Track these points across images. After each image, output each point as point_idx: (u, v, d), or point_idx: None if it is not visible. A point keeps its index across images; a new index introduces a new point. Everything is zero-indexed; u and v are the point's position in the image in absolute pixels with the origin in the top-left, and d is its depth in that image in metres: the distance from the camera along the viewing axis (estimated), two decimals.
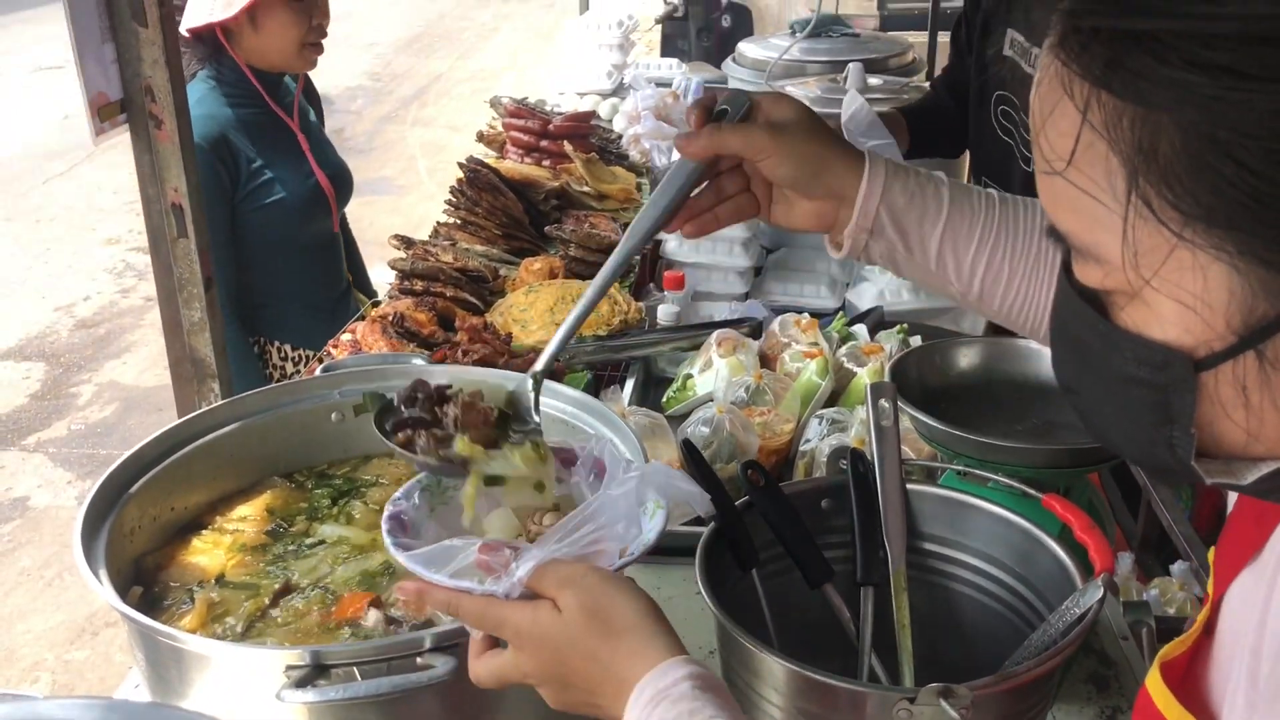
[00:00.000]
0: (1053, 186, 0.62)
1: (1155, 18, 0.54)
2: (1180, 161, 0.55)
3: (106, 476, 1.34)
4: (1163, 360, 0.61)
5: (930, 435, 1.48)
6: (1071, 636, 1.01)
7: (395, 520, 1.04)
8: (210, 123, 2.55)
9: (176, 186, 1.60)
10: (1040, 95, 0.62)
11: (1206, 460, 0.63)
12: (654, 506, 0.98)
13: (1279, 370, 0.58)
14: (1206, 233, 0.56)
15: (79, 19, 1.50)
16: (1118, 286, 0.62)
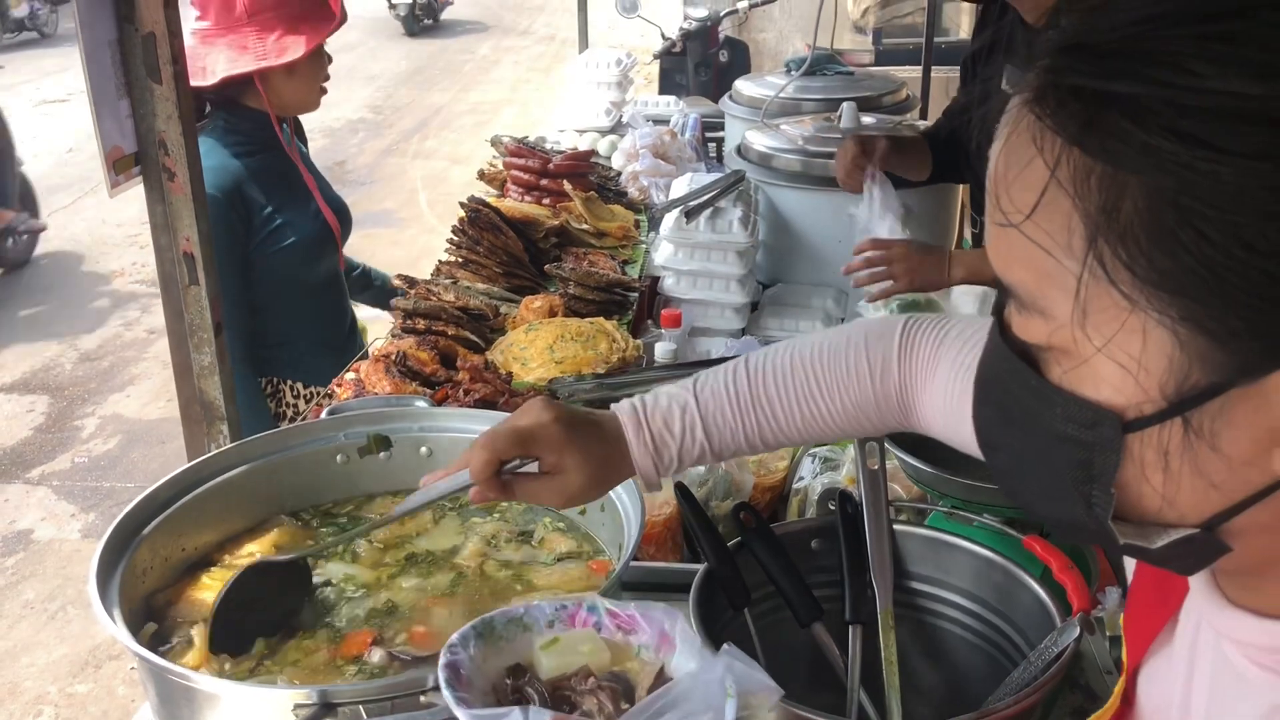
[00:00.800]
0: (1008, 239, 0.63)
1: (1136, 83, 0.55)
2: (1141, 224, 0.56)
3: (121, 519, 1.38)
4: (1093, 419, 0.62)
5: (917, 477, 1.53)
6: (1049, 674, 1.06)
7: (452, 669, 1.02)
8: (224, 174, 2.57)
9: (188, 236, 1.66)
10: (1008, 148, 0.63)
11: (1121, 522, 0.64)
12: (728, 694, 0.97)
13: (1202, 439, 0.59)
14: (1155, 296, 0.57)
15: (96, 76, 1.56)
16: (1060, 343, 0.63)
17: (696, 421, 1.18)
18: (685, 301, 2.79)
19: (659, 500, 1.76)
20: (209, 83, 2.57)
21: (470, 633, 1.07)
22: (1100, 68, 0.57)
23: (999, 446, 0.72)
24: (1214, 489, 0.61)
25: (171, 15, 1.59)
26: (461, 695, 0.99)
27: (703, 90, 6.26)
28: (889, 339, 1.16)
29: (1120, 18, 0.58)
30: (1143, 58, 0.56)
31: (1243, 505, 0.61)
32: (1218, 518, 0.62)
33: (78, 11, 1.55)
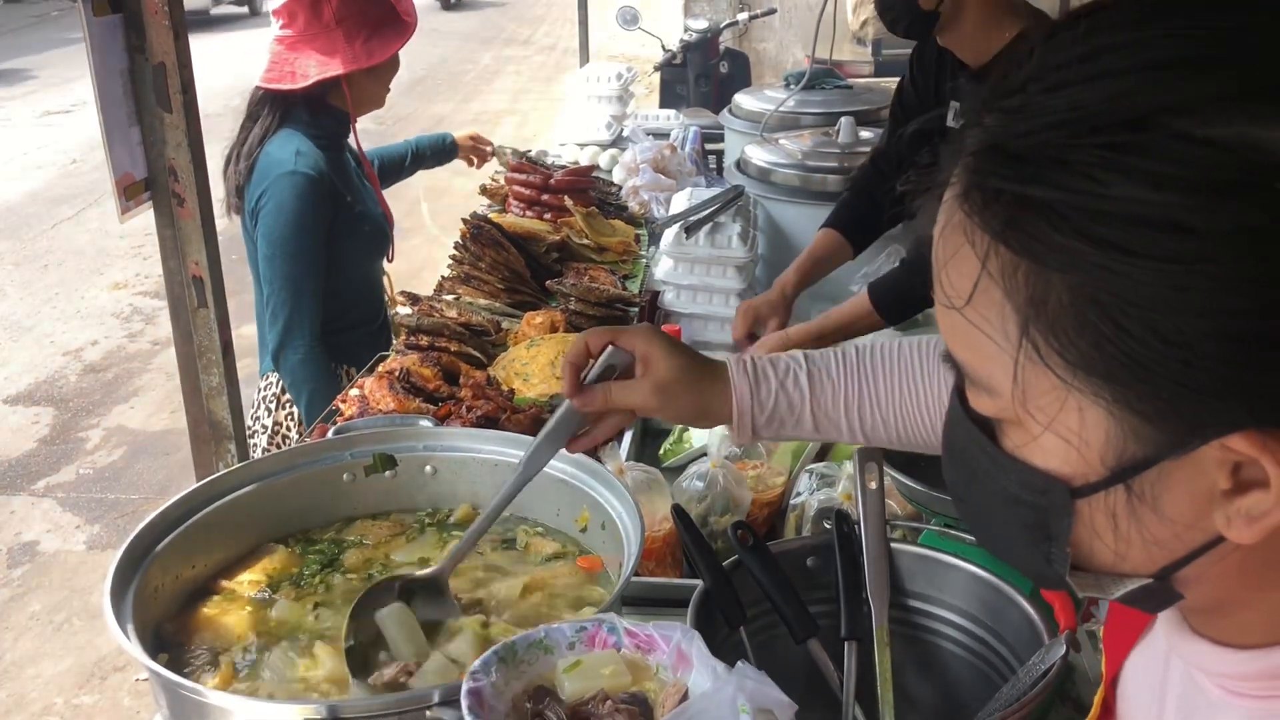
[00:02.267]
0: (951, 320, 0.66)
1: (1050, 189, 0.58)
2: (1067, 316, 0.59)
3: (132, 538, 1.41)
4: (1043, 486, 0.66)
5: (911, 496, 1.56)
6: (1035, 691, 1.09)
7: (475, 696, 1.03)
8: (318, 159, 2.75)
9: (197, 260, 1.69)
10: (944, 238, 0.66)
11: (1080, 574, 0.69)
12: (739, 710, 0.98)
13: (1144, 503, 0.63)
14: (1086, 380, 0.60)
15: (108, 105, 1.59)
16: (1006, 417, 0.66)
17: (802, 370, 1.22)
18: (685, 316, 2.83)
19: (658, 516, 1.79)
20: (299, 86, 2.76)
21: (492, 657, 1.08)
22: (1016, 172, 0.60)
23: (966, 501, 0.76)
24: (1160, 546, 0.65)
25: (181, 46, 1.63)
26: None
27: (703, 101, 6.29)
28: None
29: (1033, 123, 0.60)
30: (1054, 165, 0.58)
31: (1189, 558, 0.64)
32: (1167, 569, 0.66)
33: (89, 41, 1.58)
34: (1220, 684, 0.71)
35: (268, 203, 2.69)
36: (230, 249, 2.86)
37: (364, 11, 2.81)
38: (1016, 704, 1.08)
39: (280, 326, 2.72)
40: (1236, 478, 0.60)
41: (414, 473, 1.71)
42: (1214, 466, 0.60)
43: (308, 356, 2.73)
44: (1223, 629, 0.70)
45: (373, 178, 3.08)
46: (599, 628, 1.12)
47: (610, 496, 1.54)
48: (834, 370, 1.22)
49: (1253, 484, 0.60)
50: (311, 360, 2.74)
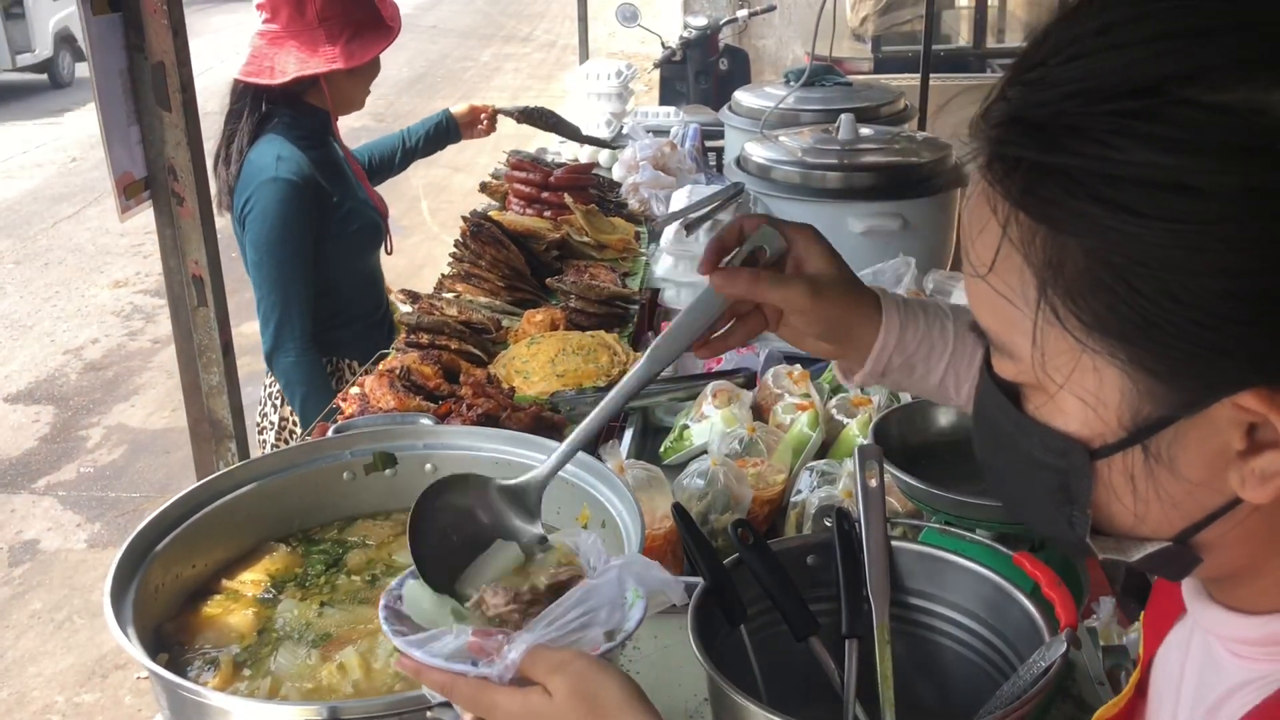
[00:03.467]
0: (977, 288, 0.69)
1: (1065, 155, 0.61)
2: (1083, 279, 0.62)
3: (133, 537, 1.41)
4: (1063, 449, 0.68)
5: (911, 493, 1.56)
6: (1036, 689, 1.09)
7: (390, 610, 1.08)
8: (298, 163, 2.76)
9: (197, 259, 1.69)
10: (971, 208, 0.70)
11: (1100, 537, 0.71)
12: (633, 596, 1.02)
13: (1161, 464, 0.65)
14: (1102, 341, 0.63)
15: (107, 104, 1.59)
16: (1027, 381, 0.69)
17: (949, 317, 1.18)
18: None
19: (659, 514, 1.79)
20: (278, 82, 2.76)
21: (406, 577, 1.12)
22: (1035, 140, 0.63)
23: (994, 468, 0.78)
24: (1179, 507, 0.67)
25: (180, 45, 1.63)
26: (399, 629, 1.04)
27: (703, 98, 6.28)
28: None
29: (1050, 94, 0.63)
30: (1069, 132, 0.61)
31: (1206, 521, 0.67)
32: (1186, 532, 0.68)
33: (88, 41, 1.58)
34: (1231, 649, 0.73)
35: (252, 209, 2.72)
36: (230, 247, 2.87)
37: (347, 13, 2.81)
38: (1017, 702, 1.08)
39: (271, 330, 2.75)
40: (1251, 439, 0.62)
41: (414, 471, 1.71)
42: (1228, 426, 0.62)
43: (300, 359, 2.75)
44: (1239, 596, 0.73)
45: (359, 173, 3.09)
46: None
47: (610, 495, 1.54)
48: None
49: (1266, 444, 0.62)
50: (304, 363, 2.75)
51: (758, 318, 1.19)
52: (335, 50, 2.79)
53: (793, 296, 1.13)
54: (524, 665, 0.94)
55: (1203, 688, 0.77)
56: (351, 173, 3.03)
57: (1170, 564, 0.70)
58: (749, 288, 1.12)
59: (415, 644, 1.00)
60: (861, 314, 1.16)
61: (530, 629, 0.98)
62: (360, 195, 3.02)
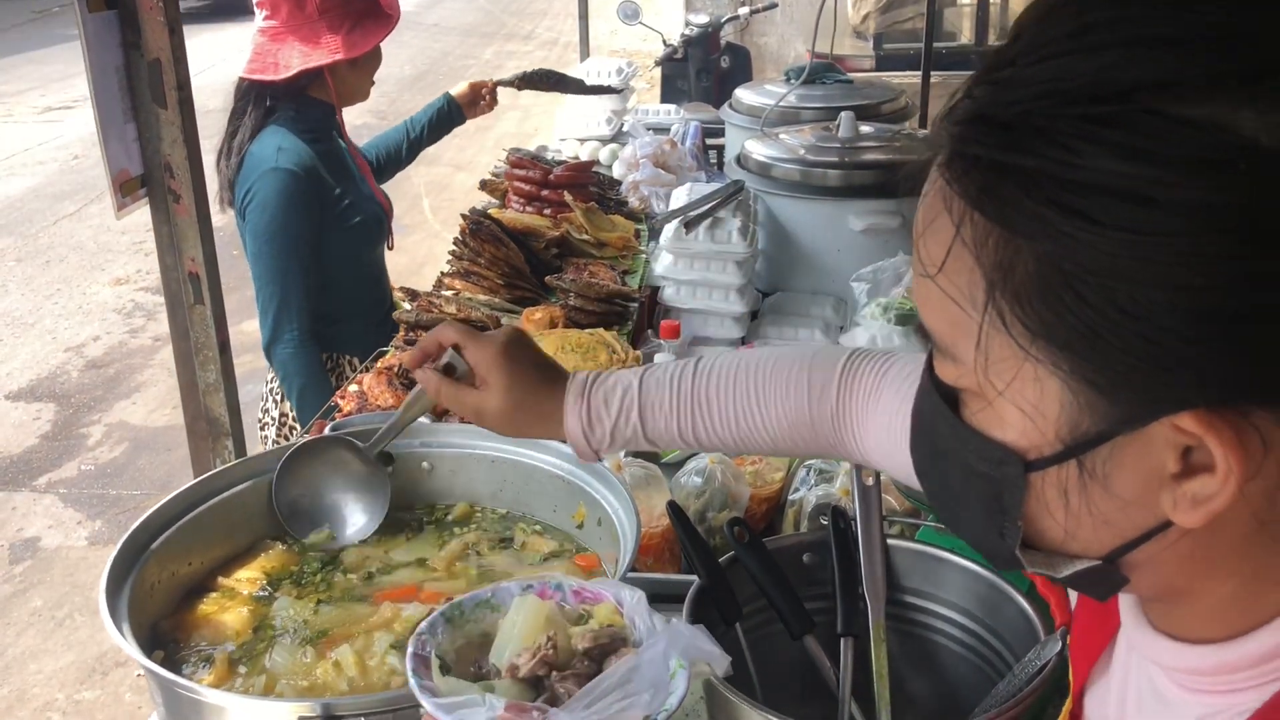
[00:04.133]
0: (925, 288, 0.68)
1: (1027, 156, 0.60)
2: (1032, 284, 0.61)
3: (129, 535, 1.42)
4: (999, 458, 0.67)
5: (908, 492, 1.56)
6: (1031, 688, 1.09)
7: (419, 659, 1.04)
8: (302, 155, 2.76)
9: (194, 256, 1.69)
10: (925, 205, 0.68)
11: (1030, 551, 0.69)
12: (676, 665, 1.00)
13: (1096, 481, 0.64)
14: (1046, 350, 0.62)
15: (103, 101, 1.59)
16: (969, 386, 0.68)
17: (634, 405, 1.22)
18: (685, 311, 2.82)
19: (656, 512, 1.79)
20: (282, 77, 2.77)
21: (439, 619, 1.10)
22: (997, 139, 0.62)
23: (929, 476, 0.77)
24: (1110, 525, 0.66)
25: (176, 42, 1.63)
26: (426, 684, 1.01)
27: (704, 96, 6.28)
28: (832, 366, 1.20)
29: (1019, 93, 0.61)
30: (1034, 133, 0.60)
31: (1137, 541, 0.65)
32: (1116, 551, 0.67)
33: (84, 38, 1.58)
34: (1177, 679, 0.71)
35: (252, 200, 2.72)
36: (228, 244, 2.87)
37: (347, 3, 2.82)
38: (1012, 700, 1.08)
39: (270, 321, 2.75)
40: (1185, 461, 0.61)
41: (411, 469, 1.71)
42: (1164, 447, 0.61)
43: (298, 350, 2.75)
44: (1179, 622, 0.71)
45: (364, 167, 3.09)
46: (545, 585, 1.13)
47: (607, 493, 1.55)
48: (666, 403, 1.23)
49: (1200, 468, 0.61)
50: (301, 354, 2.75)
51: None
52: (337, 41, 2.79)
53: (464, 412, 1.29)
54: None
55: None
56: (355, 167, 3.04)
57: (1097, 583, 0.69)
58: (433, 394, 1.30)
59: (445, 709, 0.96)
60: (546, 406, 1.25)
61: (569, 709, 0.94)
62: (364, 190, 3.02)
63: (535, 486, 1.67)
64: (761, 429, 1.21)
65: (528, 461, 1.67)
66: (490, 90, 3.62)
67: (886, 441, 1.15)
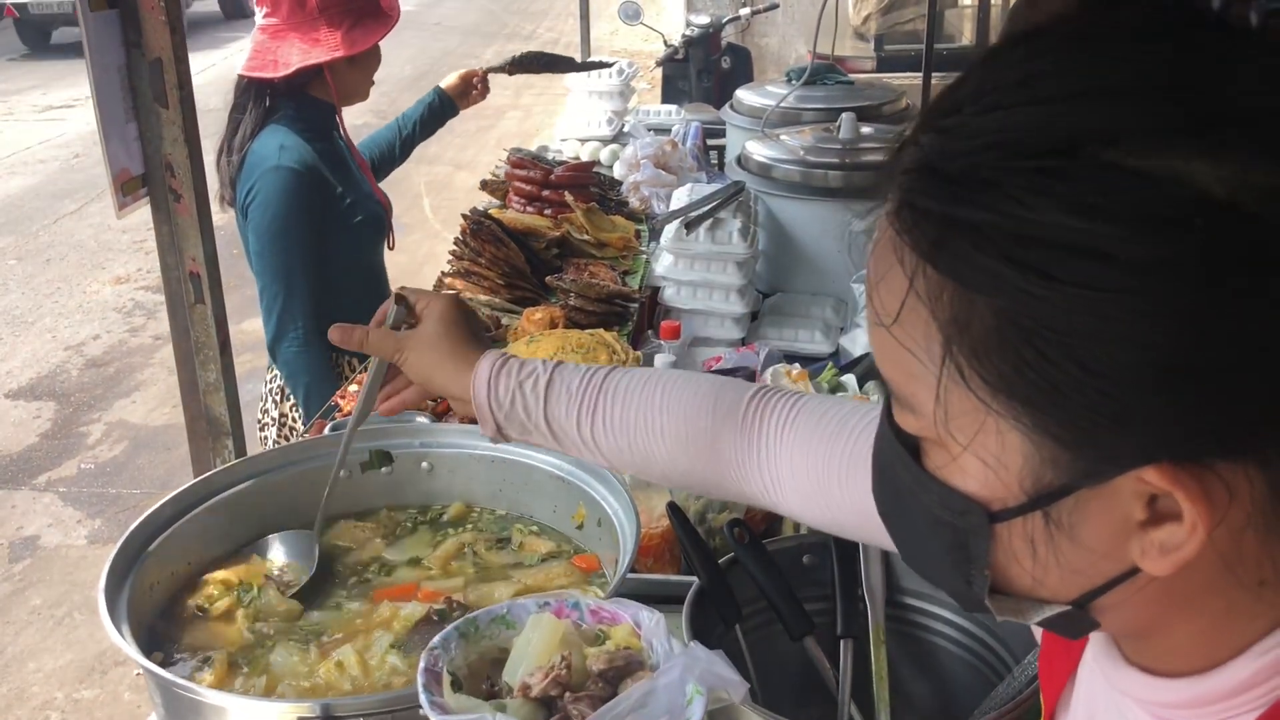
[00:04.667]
0: (881, 338, 0.66)
1: (977, 210, 0.58)
2: (989, 339, 0.59)
3: (128, 534, 1.42)
4: (963, 508, 0.66)
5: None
6: (1030, 690, 1.09)
7: (431, 674, 1.03)
8: (303, 152, 2.75)
9: (194, 256, 1.69)
10: (876, 255, 0.67)
11: (999, 597, 0.68)
12: (693, 691, 0.99)
13: (1061, 531, 0.63)
14: (1007, 404, 0.60)
15: (104, 101, 1.59)
16: (929, 436, 0.67)
17: (542, 382, 1.20)
18: (685, 312, 2.82)
19: (656, 513, 1.79)
20: (281, 74, 2.76)
21: (453, 633, 1.09)
22: (947, 192, 0.60)
23: (893, 520, 0.76)
24: (1078, 574, 0.64)
25: (178, 41, 1.63)
26: (437, 700, 1.00)
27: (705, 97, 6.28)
28: (742, 390, 1.16)
29: (965, 144, 0.60)
30: (983, 186, 0.58)
31: (1106, 587, 0.64)
32: (1085, 597, 0.65)
33: (86, 37, 1.58)
34: (1151, 712, 0.71)
35: (254, 198, 2.72)
36: (229, 244, 2.87)
37: (348, 1, 2.82)
38: (1011, 702, 1.08)
39: (274, 320, 2.74)
40: (1152, 509, 0.60)
41: (410, 469, 1.71)
42: (1130, 497, 0.60)
43: (303, 349, 2.74)
44: (1151, 656, 0.70)
45: (364, 166, 3.08)
46: (562, 603, 1.12)
47: (607, 493, 1.55)
48: (574, 387, 1.20)
49: (1167, 516, 0.60)
50: (306, 353, 2.75)
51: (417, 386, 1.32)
52: (337, 38, 2.79)
53: (385, 349, 1.28)
54: None
55: None
56: (356, 166, 3.03)
57: (1069, 626, 0.68)
58: (358, 341, 1.29)
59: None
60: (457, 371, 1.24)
61: None
62: (364, 189, 3.01)
63: (535, 487, 1.67)
64: (659, 436, 1.16)
65: (527, 462, 1.67)
66: (481, 79, 3.58)
67: (800, 490, 1.10)
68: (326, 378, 2.80)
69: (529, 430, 1.22)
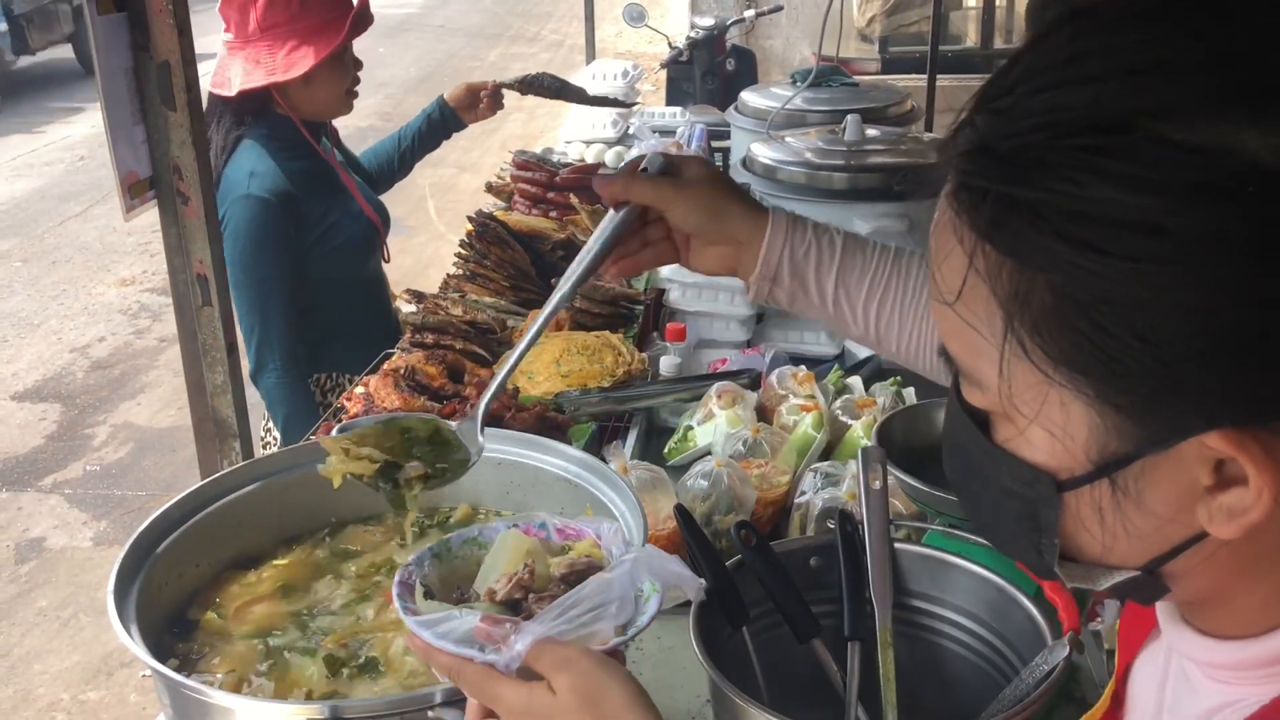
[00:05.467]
0: (944, 315, 0.69)
1: (1032, 189, 0.60)
2: (1049, 314, 0.61)
3: (136, 536, 1.41)
4: (1031, 479, 0.68)
5: (914, 495, 1.56)
6: (1038, 693, 1.08)
7: (404, 586, 1.09)
8: (276, 177, 2.69)
9: (201, 259, 1.70)
10: (937, 234, 0.69)
11: (1069, 564, 0.70)
12: (649, 589, 1.03)
13: (1128, 498, 0.65)
14: (1069, 376, 0.62)
15: (112, 103, 1.60)
16: (995, 410, 0.69)
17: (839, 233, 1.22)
18: (691, 314, 2.82)
19: (662, 515, 1.79)
20: (229, 94, 2.71)
21: (427, 553, 1.14)
22: (1002, 172, 0.62)
23: (964, 492, 0.78)
24: (1146, 539, 0.66)
25: (185, 44, 1.63)
26: (410, 607, 1.05)
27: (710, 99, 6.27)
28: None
29: (1017, 125, 0.62)
30: (1036, 166, 0.60)
31: (1174, 553, 0.66)
32: (1154, 563, 0.67)
33: (94, 40, 1.58)
34: (1204, 671, 0.73)
35: (226, 226, 2.66)
36: None
37: (292, 21, 2.72)
38: (1019, 705, 1.08)
39: (253, 351, 2.72)
40: (1219, 474, 0.62)
41: None
42: (1196, 463, 0.62)
43: (281, 380, 2.72)
44: (1211, 621, 0.72)
45: (351, 183, 2.99)
46: (530, 524, 1.16)
47: (614, 495, 1.54)
48: (868, 250, 1.22)
49: (1234, 481, 0.61)
50: (284, 383, 2.72)
51: (667, 246, 1.28)
52: (274, 61, 2.70)
53: (661, 189, 1.22)
54: (529, 658, 0.94)
55: (1179, 708, 0.77)
56: (343, 183, 2.95)
57: (1138, 591, 0.70)
58: (622, 186, 1.22)
59: (424, 624, 1.00)
60: (738, 206, 1.23)
61: (540, 619, 0.97)
62: (352, 207, 2.94)
63: (542, 489, 1.67)
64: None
65: (534, 464, 1.67)
66: (490, 91, 3.46)
67: None
68: (306, 407, 2.76)
69: (808, 288, 1.23)
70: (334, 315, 2.89)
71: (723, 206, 1.23)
